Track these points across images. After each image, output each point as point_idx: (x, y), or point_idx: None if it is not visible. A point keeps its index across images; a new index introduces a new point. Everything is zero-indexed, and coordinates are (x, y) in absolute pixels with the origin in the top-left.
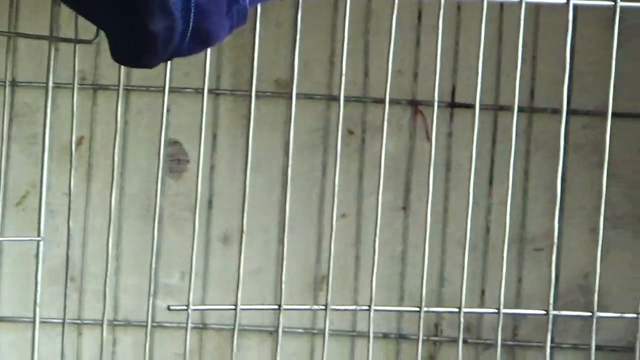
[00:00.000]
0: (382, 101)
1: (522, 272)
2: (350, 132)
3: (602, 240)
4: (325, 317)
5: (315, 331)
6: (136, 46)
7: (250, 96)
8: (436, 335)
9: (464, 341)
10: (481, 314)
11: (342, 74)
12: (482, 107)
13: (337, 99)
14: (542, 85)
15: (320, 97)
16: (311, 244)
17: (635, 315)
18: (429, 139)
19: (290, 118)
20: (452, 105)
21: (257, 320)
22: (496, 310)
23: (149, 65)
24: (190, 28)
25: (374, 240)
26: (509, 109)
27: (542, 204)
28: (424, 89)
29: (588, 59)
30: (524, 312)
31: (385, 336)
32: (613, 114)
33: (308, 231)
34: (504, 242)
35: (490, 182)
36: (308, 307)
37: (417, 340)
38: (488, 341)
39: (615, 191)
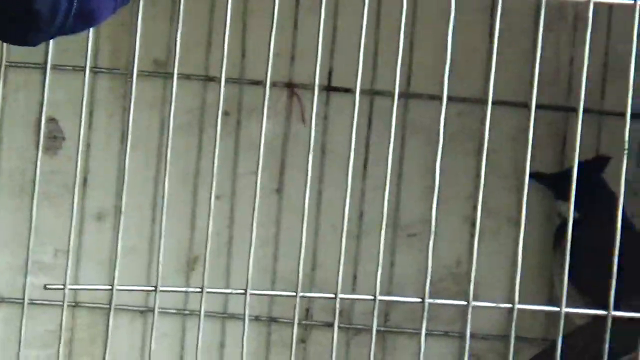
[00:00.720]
0: (259, 83)
1: (395, 258)
2: (226, 113)
3: (479, 229)
4: (201, 300)
5: (187, 312)
6: (20, 24)
7: (132, 75)
8: (307, 319)
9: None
10: (353, 299)
11: (223, 56)
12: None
13: (214, 79)
14: (419, 71)
15: (197, 78)
16: (185, 224)
17: (510, 305)
18: (304, 121)
19: (167, 98)
20: (329, 88)
21: (128, 299)
22: (372, 297)
23: (33, 43)
24: (74, 7)
25: (251, 223)
26: (385, 93)
27: (416, 190)
28: (301, 72)
29: (465, 47)
30: (400, 299)
31: (257, 319)
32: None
33: (182, 211)
34: (378, 227)
35: (365, 167)
36: (184, 289)
37: (291, 324)
38: (359, 326)
39: (490, 179)
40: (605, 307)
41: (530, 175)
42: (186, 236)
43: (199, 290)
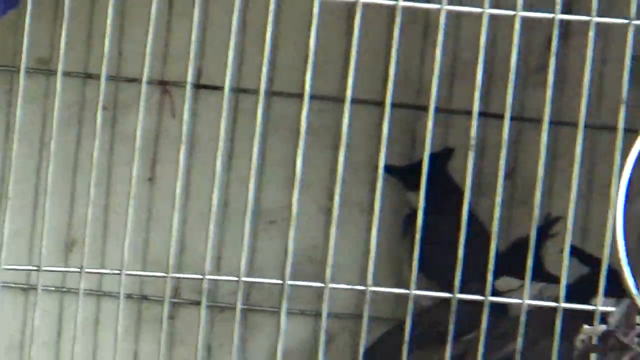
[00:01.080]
0: (134, 80)
1: (256, 242)
2: (104, 108)
3: (333, 217)
4: (81, 279)
5: (65, 289)
6: None
7: (19, 72)
8: (176, 298)
9: (200, 304)
10: (219, 280)
11: (104, 54)
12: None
13: (92, 76)
14: (282, 70)
15: (77, 75)
16: (64, 210)
17: (364, 287)
18: (174, 116)
19: (49, 93)
20: (198, 86)
21: (11, 278)
22: (236, 278)
23: None
24: None
25: (126, 209)
26: (250, 91)
27: (278, 181)
28: (172, 70)
29: (324, 49)
30: (262, 280)
31: (130, 297)
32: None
33: (62, 198)
34: (242, 214)
35: (230, 159)
36: (66, 269)
37: (161, 302)
38: (223, 305)
39: (346, 171)
40: (448, 290)
41: (388, 169)
42: (65, 221)
43: (78, 270)
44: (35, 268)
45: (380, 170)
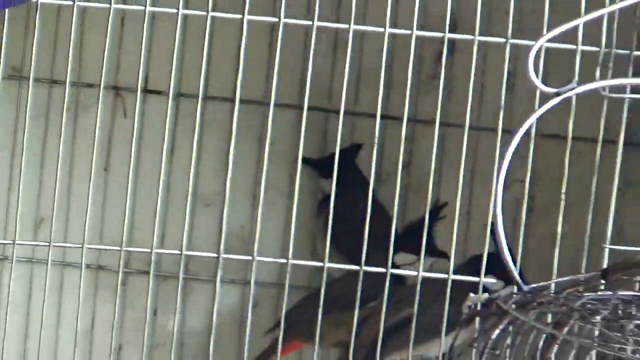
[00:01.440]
0: (92, 85)
1: (194, 222)
2: (67, 109)
3: (258, 201)
4: (49, 252)
5: (34, 260)
6: None
7: None
8: (127, 268)
9: (148, 273)
10: (164, 253)
11: (68, 59)
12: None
13: (57, 82)
14: (216, 78)
15: (44, 80)
16: (34, 193)
17: (285, 260)
18: (125, 116)
19: (21, 96)
20: (146, 91)
21: None
22: (179, 252)
23: None
24: None
25: (87, 194)
26: (189, 96)
27: (212, 170)
28: (124, 77)
29: (251, 56)
30: (201, 254)
31: (88, 267)
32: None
33: (32, 183)
34: (183, 198)
35: (172, 152)
36: (36, 243)
37: (115, 271)
38: (167, 274)
39: (269, 163)
40: (356, 263)
41: (302, 161)
42: (34, 203)
43: (47, 244)
44: (10, 242)
45: (299, 162)
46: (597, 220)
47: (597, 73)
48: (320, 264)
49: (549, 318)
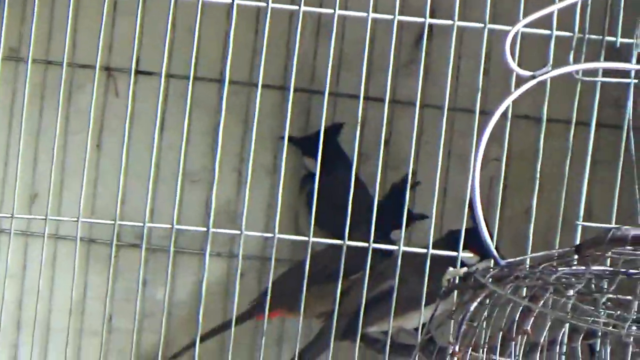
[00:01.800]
0: (86, 66)
1: (183, 197)
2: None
3: (243, 177)
4: (45, 225)
5: (29, 233)
6: None
7: None
8: (119, 241)
9: (138, 246)
10: (156, 227)
11: (65, 45)
12: (159, 74)
13: (53, 63)
14: (205, 60)
15: (40, 62)
16: (29, 169)
17: (271, 234)
18: (117, 95)
19: (18, 76)
20: (137, 72)
21: None
22: (170, 226)
23: None
24: None
25: (83, 169)
26: (178, 77)
27: (200, 148)
28: (116, 58)
29: (240, 43)
30: (191, 228)
31: (81, 239)
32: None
33: (27, 159)
34: (172, 174)
35: (162, 130)
36: (33, 216)
37: (108, 244)
38: (157, 247)
39: (255, 142)
40: (337, 237)
41: (286, 139)
42: (30, 178)
43: (43, 218)
44: (9, 216)
45: (285, 141)
46: (568, 198)
47: (571, 57)
48: (305, 238)
49: (524, 292)
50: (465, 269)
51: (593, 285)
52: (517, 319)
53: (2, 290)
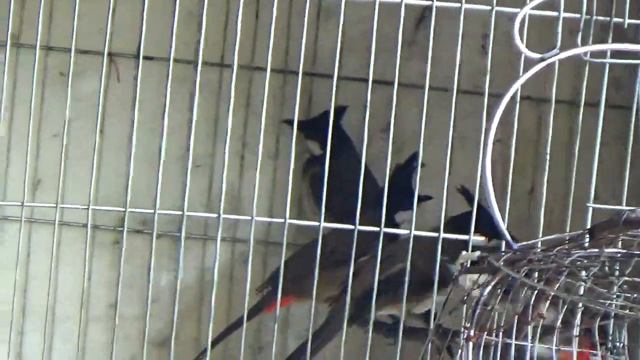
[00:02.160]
0: (87, 52)
1: (185, 181)
2: (62, 74)
3: (246, 162)
4: (56, 213)
5: (33, 220)
6: None
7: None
8: (121, 227)
9: (142, 232)
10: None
11: (73, 31)
12: (160, 59)
13: (54, 49)
14: (206, 44)
15: (41, 47)
16: (32, 156)
17: (282, 220)
18: (119, 80)
19: (19, 62)
20: (138, 56)
21: None
22: (180, 212)
23: None
24: None
25: (92, 155)
26: (181, 61)
27: (202, 133)
28: (118, 44)
29: (241, 27)
30: (198, 214)
31: (84, 225)
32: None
33: (31, 146)
34: (175, 159)
35: (163, 116)
36: (42, 204)
37: (110, 230)
38: (160, 233)
39: (255, 126)
40: (341, 221)
41: (288, 122)
42: (33, 165)
43: (54, 205)
44: (19, 204)
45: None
46: (570, 179)
47: (579, 39)
48: (316, 223)
49: (535, 275)
50: (478, 253)
51: (607, 268)
52: (531, 302)
53: (14, 278)
